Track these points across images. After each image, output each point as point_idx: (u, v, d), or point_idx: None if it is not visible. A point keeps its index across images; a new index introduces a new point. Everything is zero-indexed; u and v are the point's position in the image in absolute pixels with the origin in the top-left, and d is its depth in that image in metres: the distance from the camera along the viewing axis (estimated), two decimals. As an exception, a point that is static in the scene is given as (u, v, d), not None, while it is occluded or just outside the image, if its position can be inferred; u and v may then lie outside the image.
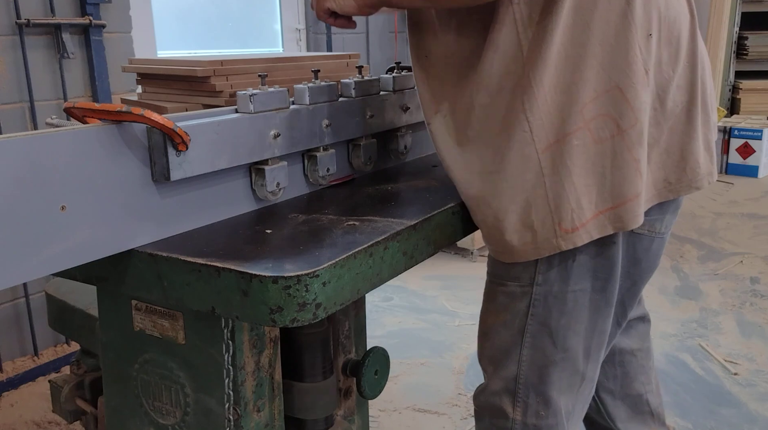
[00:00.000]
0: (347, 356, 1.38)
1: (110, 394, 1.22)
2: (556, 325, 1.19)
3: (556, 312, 1.18)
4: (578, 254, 1.15)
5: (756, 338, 2.74)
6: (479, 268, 3.59)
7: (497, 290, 1.22)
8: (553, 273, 1.16)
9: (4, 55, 2.34)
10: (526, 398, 1.22)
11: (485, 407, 1.28)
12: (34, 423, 2.25)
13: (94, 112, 0.92)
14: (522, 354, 1.21)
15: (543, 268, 1.16)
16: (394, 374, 2.46)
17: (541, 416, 1.23)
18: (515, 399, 1.23)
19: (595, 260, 1.17)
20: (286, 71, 1.35)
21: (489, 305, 1.25)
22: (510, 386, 1.23)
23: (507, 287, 1.20)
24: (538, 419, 1.23)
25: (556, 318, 1.18)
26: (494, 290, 1.23)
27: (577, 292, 1.17)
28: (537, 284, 1.17)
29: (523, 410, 1.23)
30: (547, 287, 1.17)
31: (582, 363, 1.23)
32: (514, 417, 1.23)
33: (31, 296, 2.53)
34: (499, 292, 1.22)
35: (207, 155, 1.01)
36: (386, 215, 1.10)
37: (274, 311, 0.86)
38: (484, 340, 1.27)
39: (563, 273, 1.16)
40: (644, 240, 1.22)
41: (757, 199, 4.79)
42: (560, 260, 1.15)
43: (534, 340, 1.20)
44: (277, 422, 1.17)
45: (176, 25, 3.22)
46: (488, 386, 1.27)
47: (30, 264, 0.83)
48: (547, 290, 1.17)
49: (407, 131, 1.45)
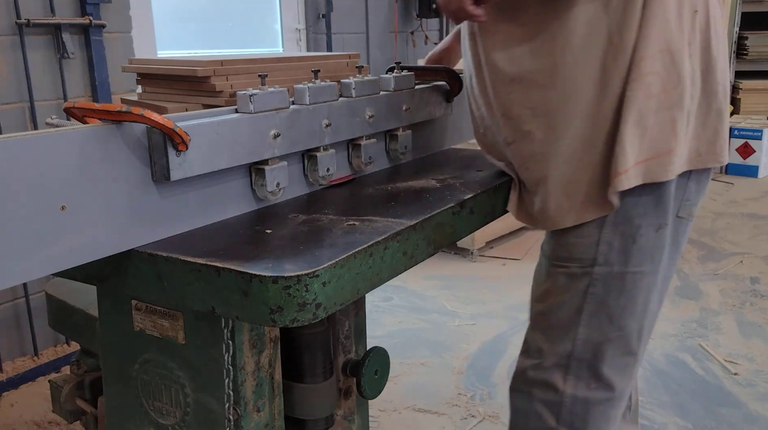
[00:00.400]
0: (347, 356, 1.38)
1: (110, 394, 1.22)
2: (614, 304, 1.25)
3: (615, 292, 1.24)
4: (638, 237, 1.22)
5: (756, 338, 2.74)
6: (479, 268, 3.59)
7: (557, 271, 1.28)
8: (614, 255, 1.23)
9: (4, 55, 2.34)
10: (579, 373, 1.28)
11: (535, 382, 1.32)
12: (34, 423, 2.25)
13: (94, 112, 0.92)
14: (578, 332, 1.27)
15: (604, 249, 1.23)
16: (394, 374, 2.46)
17: (592, 389, 1.28)
18: (566, 374, 1.29)
19: (653, 243, 1.23)
20: (286, 71, 1.35)
21: (547, 286, 1.31)
22: (563, 361, 1.29)
23: (568, 269, 1.26)
24: (589, 391, 1.28)
25: (614, 298, 1.24)
26: (554, 272, 1.29)
27: (636, 274, 1.24)
28: (598, 264, 1.24)
29: (573, 384, 1.29)
30: (608, 268, 1.23)
31: (635, 343, 1.29)
32: (564, 391, 1.29)
33: (31, 296, 2.54)
34: (560, 273, 1.28)
35: (207, 155, 1.01)
36: (386, 214, 1.10)
37: (274, 311, 0.86)
38: (540, 319, 1.33)
39: (623, 255, 1.23)
40: (683, 224, 1.29)
41: (757, 199, 4.79)
42: (621, 242, 1.22)
43: (591, 319, 1.26)
44: (277, 422, 1.17)
45: (176, 25, 3.22)
46: (542, 362, 1.32)
47: (30, 264, 0.83)
48: (608, 270, 1.24)
49: (407, 131, 1.45)
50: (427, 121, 1.52)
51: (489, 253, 3.78)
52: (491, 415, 2.24)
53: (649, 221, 1.22)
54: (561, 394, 1.29)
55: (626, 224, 1.22)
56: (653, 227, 1.22)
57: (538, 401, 1.32)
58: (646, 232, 1.22)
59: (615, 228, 1.22)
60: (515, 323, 2.92)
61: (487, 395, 2.37)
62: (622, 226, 1.22)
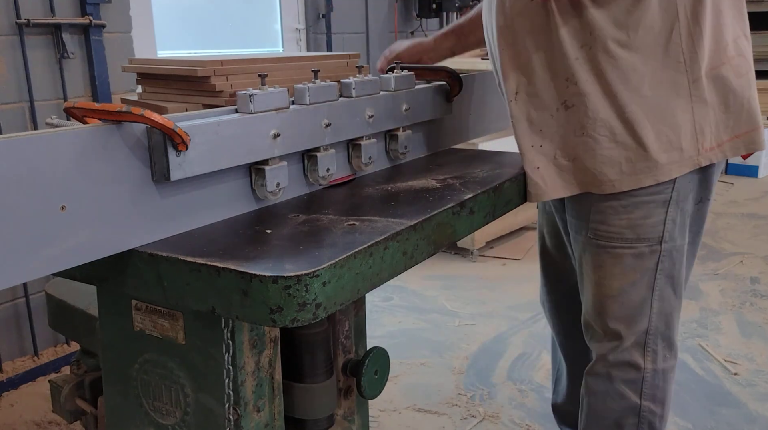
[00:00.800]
0: (347, 356, 1.38)
1: (110, 394, 1.22)
2: (678, 275, 1.37)
3: (678, 264, 1.37)
4: (686, 212, 1.34)
5: (756, 338, 2.74)
6: (479, 268, 3.59)
7: (624, 253, 1.35)
8: (677, 230, 1.34)
9: (4, 55, 2.34)
10: (655, 346, 1.38)
11: (615, 364, 1.39)
12: (34, 423, 2.25)
13: (94, 112, 0.92)
14: (653, 307, 1.37)
15: (670, 226, 1.33)
16: (394, 374, 2.46)
17: (667, 359, 1.39)
18: (645, 350, 1.38)
19: (693, 216, 1.38)
20: (286, 71, 1.35)
21: (614, 269, 1.36)
22: (640, 339, 1.38)
23: (636, 249, 1.34)
24: (665, 362, 1.39)
25: (678, 269, 1.37)
26: (620, 254, 1.35)
27: (686, 245, 1.38)
28: (665, 241, 1.33)
29: (652, 358, 1.38)
30: (672, 243, 1.35)
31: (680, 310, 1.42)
32: (645, 366, 1.38)
33: (31, 296, 2.54)
34: (628, 255, 1.35)
35: (207, 155, 1.01)
36: (386, 214, 1.10)
37: (274, 311, 0.86)
38: (612, 303, 1.38)
39: (682, 229, 1.35)
40: (708, 205, 1.41)
41: (757, 199, 4.79)
42: (681, 218, 1.34)
43: (662, 292, 1.36)
44: (277, 422, 1.17)
45: (176, 25, 3.22)
46: (620, 344, 1.38)
47: (30, 264, 0.83)
48: (672, 245, 1.35)
49: (407, 131, 1.45)
50: (427, 121, 1.52)
51: (489, 253, 3.78)
52: (491, 415, 2.24)
53: (696, 196, 1.36)
54: (642, 370, 1.38)
55: (684, 202, 1.34)
56: (696, 200, 1.36)
57: (619, 381, 1.39)
58: (693, 206, 1.36)
59: (677, 206, 1.33)
60: (515, 323, 2.92)
61: (487, 395, 2.37)
62: (682, 203, 1.33)
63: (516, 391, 2.39)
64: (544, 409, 2.26)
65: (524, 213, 3.90)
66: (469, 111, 1.70)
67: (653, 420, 1.41)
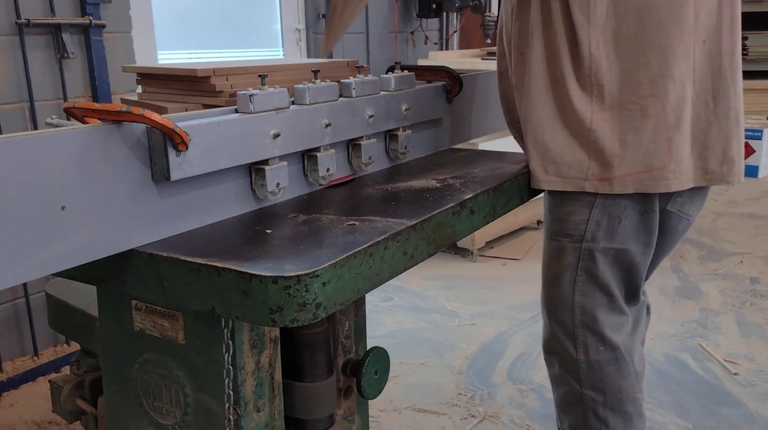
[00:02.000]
0: (347, 356, 1.38)
1: (110, 394, 1.22)
2: (602, 276, 1.40)
3: (602, 265, 1.39)
4: (623, 218, 1.36)
5: (756, 338, 2.74)
6: (479, 268, 3.59)
7: (552, 245, 1.44)
8: (600, 231, 1.37)
9: (4, 55, 2.34)
10: (585, 339, 1.43)
11: (554, 352, 1.48)
12: (34, 423, 2.25)
13: (94, 112, 0.92)
14: (575, 301, 1.42)
15: (592, 227, 1.37)
16: (394, 374, 2.46)
17: (601, 352, 1.43)
18: (576, 341, 1.44)
19: (637, 226, 1.37)
20: (286, 72, 1.35)
21: (546, 258, 1.47)
22: (569, 330, 1.44)
23: (560, 243, 1.42)
24: (599, 354, 1.43)
25: (603, 271, 1.40)
26: (551, 245, 1.44)
27: (620, 250, 1.39)
28: (586, 240, 1.38)
29: (584, 350, 1.43)
30: (595, 244, 1.38)
31: (623, 304, 1.45)
32: (578, 357, 1.44)
33: (31, 296, 2.54)
34: (555, 247, 1.43)
35: (207, 155, 1.01)
36: (386, 214, 1.10)
37: (274, 311, 0.86)
38: (543, 290, 1.49)
39: (609, 232, 1.37)
40: (673, 218, 1.41)
41: (757, 199, 4.79)
42: (608, 222, 1.36)
43: (584, 289, 1.41)
44: (277, 422, 1.17)
45: (176, 25, 3.22)
46: (555, 332, 1.47)
47: (30, 264, 0.83)
48: (594, 245, 1.38)
49: (407, 131, 1.45)
50: (427, 121, 1.52)
51: (489, 253, 3.78)
52: (491, 415, 2.24)
53: (639, 206, 1.36)
54: (576, 361, 1.44)
55: (616, 207, 1.35)
56: (637, 211, 1.36)
57: (562, 368, 1.48)
58: (631, 214, 1.36)
59: (603, 209, 1.36)
60: (515, 323, 2.92)
61: (487, 395, 2.37)
62: (612, 208, 1.35)
63: (516, 391, 2.39)
64: (544, 409, 2.26)
65: (524, 213, 3.90)
66: (469, 111, 1.70)
67: (596, 408, 1.46)
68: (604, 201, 1.35)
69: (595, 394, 1.45)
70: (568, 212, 1.39)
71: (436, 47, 4.65)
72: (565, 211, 1.39)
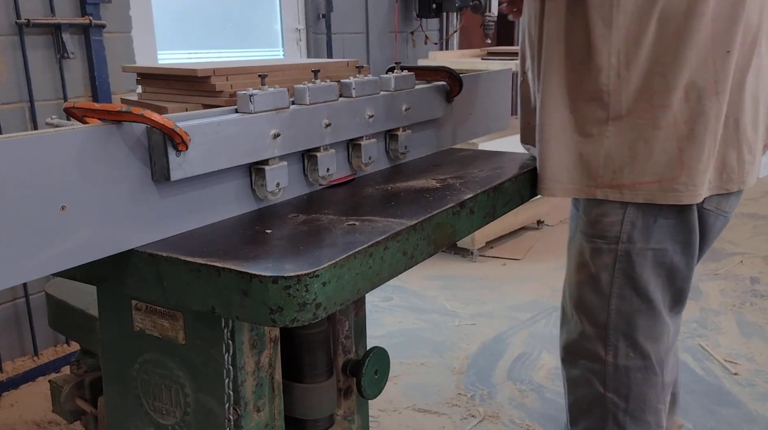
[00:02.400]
0: (347, 356, 1.38)
1: (110, 394, 1.22)
2: (640, 278, 1.37)
3: (640, 267, 1.37)
4: (659, 218, 1.34)
5: (756, 338, 2.74)
6: (479, 268, 3.59)
7: (586, 246, 1.41)
8: (636, 233, 1.35)
9: (4, 55, 2.34)
10: (616, 342, 1.41)
11: (581, 353, 1.46)
12: (34, 423, 2.25)
13: (94, 112, 0.92)
14: (611, 304, 1.40)
15: (627, 228, 1.35)
16: (394, 374, 2.46)
17: (631, 358, 1.41)
18: (606, 344, 1.42)
19: (674, 224, 1.35)
20: (286, 72, 1.35)
21: (579, 259, 1.44)
22: (601, 332, 1.42)
23: (595, 244, 1.39)
24: (628, 360, 1.41)
25: (640, 272, 1.37)
26: (585, 246, 1.42)
27: (657, 250, 1.36)
28: (622, 241, 1.36)
29: (614, 353, 1.41)
30: (631, 245, 1.36)
31: (665, 314, 1.42)
32: (607, 360, 1.42)
33: (31, 296, 2.54)
34: (588, 248, 1.41)
35: (207, 155, 1.01)
36: (386, 214, 1.10)
37: (274, 311, 0.86)
38: (575, 291, 1.46)
39: (645, 233, 1.35)
40: (711, 216, 1.39)
41: (757, 200, 4.79)
42: (643, 222, 1.34)
43: (621, 291, 1.39)
44: (277, 422, 1.17)
45: (176, 25, 3.22)
46: (584, 333, 1.45)
47: (30, 264, 0.83)
48: (630, 247, 1.36)
49: (407, 131, 1.45)
50: (427, 121, 1.52)
51: (489, 253, 3.78)
52: (491, 415, 2.24)
53: (671, 206, 1.33)
54: (604, 363, 1.42)
55: (648, 205, 1.33)
56: (673, 209, 1.33)
57: (586, 369, 1.45)
58: (666, 213, 1.34)
59: (638, 208, 1.34)
60: (515, 323, 2.92)
61: (487, 395, 2.37)
62: (644, 207, 1.33)
63: (516, 391, 2.39)
64: (544, 409, 2.26)
65: (524, 213, 3.90)
66: (469, 111, 1.70)
67: (617, 413, 1.44)
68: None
69: (618, 399, 1.43)
70: (602, 214, 1.37)
71: (436, 47, 4.65)
72: (599, 212, 1.37)
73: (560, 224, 4.27)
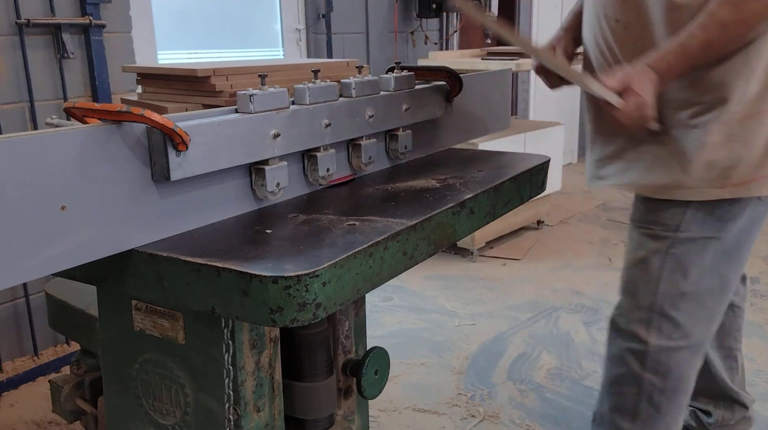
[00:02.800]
0: (347, 356, 1.38)
1: (110, 394, 1.22)
2: (690, 265, 1.44)
3: (693, 255, 1.44)
4: (716, 209, 1.41)
5: (756, 338, 2.74)
6: (479, 268, 3.59)
7: (643, 231, 1.49)
8: (695, 223, 1.43)
9: (4, 55, 2.34)
10: (660, 324, 1.47)
11: (622, 331, 1.52)
12: (34, 423, 2.25)
13: (94, 112, 0.92)
14: (659, 288, 1.46)
15: (689, 216, 1.43)
16: (394, 374, 2.46)
17: (674, 339, 1.47)
18: (649, 326, 1.47)
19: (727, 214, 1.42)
20: (286, 72, 1.35)
21: (631, 244, 1.52)
22: (645, 314, 1.48)
23: (652, 230, 1.47)
24: (671, 340, 1.47)
25: (692, 260, 1.44)
26: (641, 232, 1.49)
27: (710, 239, 1.43)
28: (680, 230, 1.43)
29: (657, 334, 1.47)
30: (689, 233, 1.43)
31: (708, 299, 1.48)
32: (649, 341, 1.47)
33: (31, 296, 2.54)
34: (644, 234, 1.48)
35: (207, 155, 1.01)
36: (386, 214, 1.10)
37: (274, 311, 0.86)
38: (626, 274, 1.53)
39: (702, 224, 1.42)
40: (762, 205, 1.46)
41: (757, 199, 4.78)
42: (704, 214, 1.42)
43: (671, 276, 1.45)
44: (277, 422, 1.17)
45: (176, 25, 3.22)
46: (629, 314, 1.51)
47: (30, 264, 0.83)
48: (688, 236, 1.43)
49: (407, 131, 1.45)
50: (427, 121, 1.52)
51: (489, 253, 3.78)
52: (491, 415, 2.24)
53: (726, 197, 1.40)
54: (645, 343, 1.48)
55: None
56: (728, 201, 1.41)
57: (625, 349, 1.51)
58: (722, 204, 1.41)
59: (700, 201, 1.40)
60: (515, 323, 2.92)
61: (487, 395, 2.37)
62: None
63: (516, 391, 2.39)
64: (544, 409, 2.26)
65: (524, 213, 3.90)
66: (469, 111, 1.70)
67: (653, 393, 1.48)
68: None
69: (656, 378, 1.48)
70: (661, 208, 1.45)
71: (436, 47, 4.65)
72: (663, 202, 1.44)
73: (560, 224, 4.27)
